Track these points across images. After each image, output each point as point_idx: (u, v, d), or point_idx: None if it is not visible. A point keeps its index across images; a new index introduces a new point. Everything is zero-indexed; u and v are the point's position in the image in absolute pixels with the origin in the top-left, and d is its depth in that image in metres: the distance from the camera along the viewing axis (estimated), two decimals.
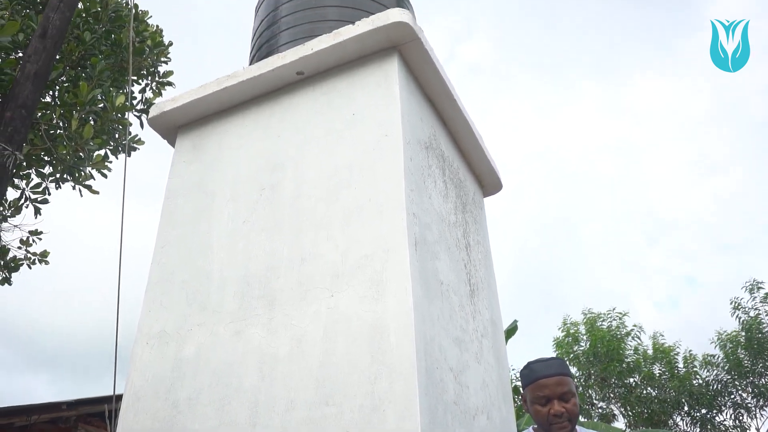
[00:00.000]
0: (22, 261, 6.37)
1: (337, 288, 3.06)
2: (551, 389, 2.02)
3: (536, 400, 2.04)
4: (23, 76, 4.38)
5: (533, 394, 2.06)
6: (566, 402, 2.00)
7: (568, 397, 2.01)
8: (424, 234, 3.28)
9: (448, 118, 4.28)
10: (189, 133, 4.33)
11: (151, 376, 3.37)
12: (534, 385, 2.07)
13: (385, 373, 2.72)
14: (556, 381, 2.02)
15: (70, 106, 5.38)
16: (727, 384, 15.33)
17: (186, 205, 3.94)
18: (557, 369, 2.06)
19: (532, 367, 2.13)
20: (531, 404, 2.07)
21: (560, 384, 2.02)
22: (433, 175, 3.73)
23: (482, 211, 4.77)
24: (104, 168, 5.50)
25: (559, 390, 2.01)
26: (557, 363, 2.11)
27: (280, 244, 3.39)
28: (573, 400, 2.02)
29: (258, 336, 3.15)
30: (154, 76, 7.01)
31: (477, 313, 3.82)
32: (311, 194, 3.47)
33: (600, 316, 16.37)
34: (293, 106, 3.93)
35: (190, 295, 3.52)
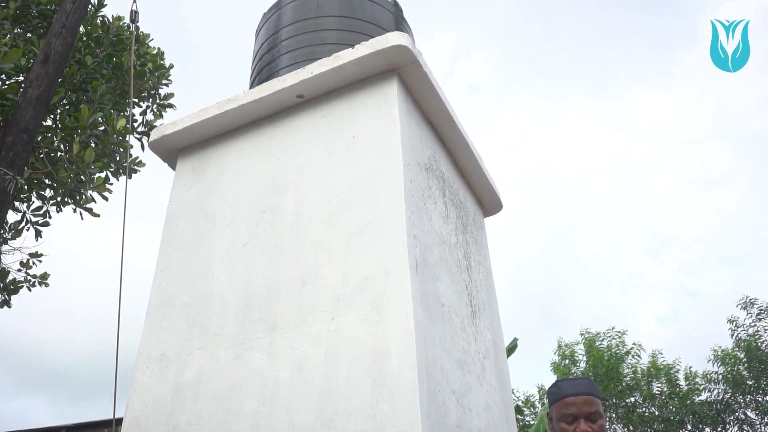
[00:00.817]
0: (22, 284, 6.35)
1: (338, 311, 3.05)
2: (578, 408, 1.99)
3: (562, 418, 2.02)
4: (25, 101, 4.41)
5: (560, 412, 2.03)
6: (593, 422, 1.97)
7: (595, 417, 1.98)
8: (425, 256, 3.28)
9: (448, 139, 4.30)
10: (189, 156, 4.35)
11: (151, 401, 3.34)
12: (561, 402, 2.04)
13: (387, 397, 2.70)
14: (583, 400, 2.00)
15: (71, 130, 5.40)
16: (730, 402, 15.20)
17: (186, 228, 3.95)
18: (585, 388, 2.04)
19: (559, 384, 2.11)
20: (557, 422, 2.05)
21: (588, 403, 2.00)
22: (433, 196, 3.74)
23: (483, 231, 4.77)
24: (105, 191, 5.51)
25: (587, 409, 1.98)
26: (586, 382, 2.09)
27: (281, 267, 3.38)
28: (600, 422, 1.99)
29: (259, 360, 3.13)
30: (155, 98, 7.05)
31: (479, 334, 3.81)
32: (312, 216, 3.47)
33: (599, 336, 16.28)
34: (293, 129, 3.95)
35: (191, 318, 3.51)
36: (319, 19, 4.69)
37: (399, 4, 5.17)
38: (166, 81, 6.95)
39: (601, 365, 15.23)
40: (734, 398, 15.27)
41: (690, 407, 15.08)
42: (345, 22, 4.66)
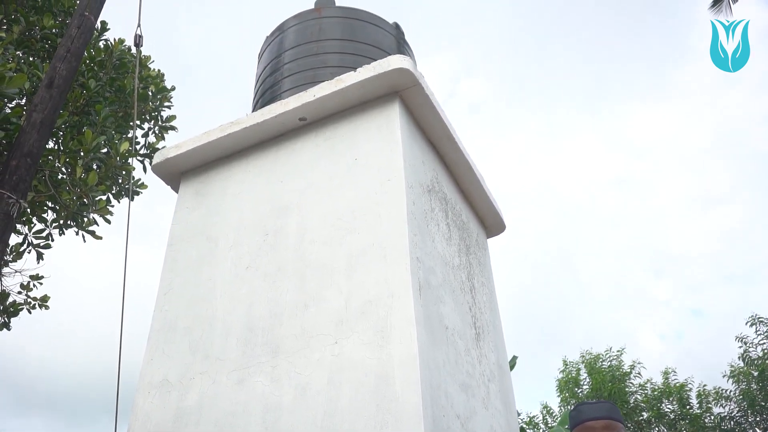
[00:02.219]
0: (22, 306, 6.33)
1: (342, 335, 3.03)
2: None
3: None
4: (29, 125, 4.43)
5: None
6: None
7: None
8: (429, 278, 3.26)
9: (450, 161, 4.31)
10: (192, 179, 4.36)
11: (152, 426, 3.31)
12: (581, 426, 2.03)
13: (391, 422, 2.67)
14: (603, 424, 1.99)
15: (74, 153, 5.42)
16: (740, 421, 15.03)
17: (189, 251, 3.94)
18: (606, 412, 2.04)
19: (580, 408, 2.10)
20: None
21: (608, 428, 1.99)
22: (436, 218, 3.74)
23: (486, 252, 4.76)
24: (107, 213, 5.52)
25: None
26: (606, 406, 2.08)
27: (284, 290, 3.37)
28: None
29: (261, 384, 3.11)
30: (157, 120, 7.10)
31: (483, 357, 3.78)
32: (315, 239, 3.47)
33: (599, 357, 16.15)
34: (296, 152, 3.97)
35: (193, 342, 3.49)
36: (321, 42, 4.73)
37: (400, 26, 5.21)
38: (168, 103, 7.00)
39: (604, 388, 15.09)
40: (745, 417, 15.09)
41: (701, 429, 14.89)
42: (347, 45, 4.70)
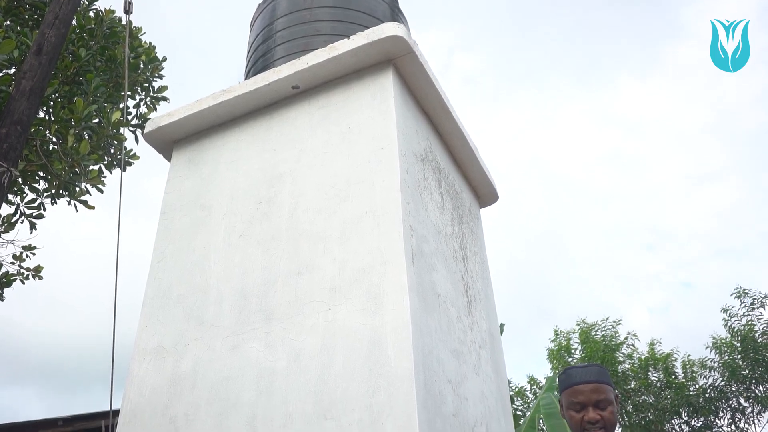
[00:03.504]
0: (15, 276, 6.33)
1: (335, 301, 3.06)
2: (586, 396, 1.99)
3: (571, 405, 2.02)
4: (18, 93, 4.38)
5: (568, 400, 2.04)
6: (602, 410, 1.97)
7: (604, 405, 1.98)
8: (421, 246, 3.28)
9: (444, 130, 4.30)
10: (185, 147, 4.34)
11: (148, 392, 3.35)
12: (570, 390, 2.04)
13: (383, 387, 2.72)
14: (592, 388, 2.00)
15: (65, 122, 5.37)
16: (724, 390, 15.34)
17: (182, 220, 3.94)
18: (595, 376, 2.04)
19: (569, 372, 2.11)
20: (566, 410, 2.05)
21: (596, 391, 1.99)
22: (429, 187, 3.75)
23: (479, 222, 4.78)
24: (99, 183, 5.50)
25: (595, 397, 1.98)
26: (595, 370, 2.08)
27: (277, 258, 3.39)
28: (610, 408, 1.98)
29: (255, 350, 3.14)
30: (149, 91, 7.02)
31: (475, 324, 3.82)
32: (308, 207, 3.47)
33: (594, 326, 16.36)
34: (289, 120, 3.95)
35: (187, 309, 3.52)
36: (314, 10, 4.67)
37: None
38: (159, 74, 6.92)
39: (597, 357, 15.31)
40: (729, 386, 15.39)
41: (685, 397, 15.19)
42: (340, 13, 4.64)
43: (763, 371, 14.90)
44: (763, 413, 15.49)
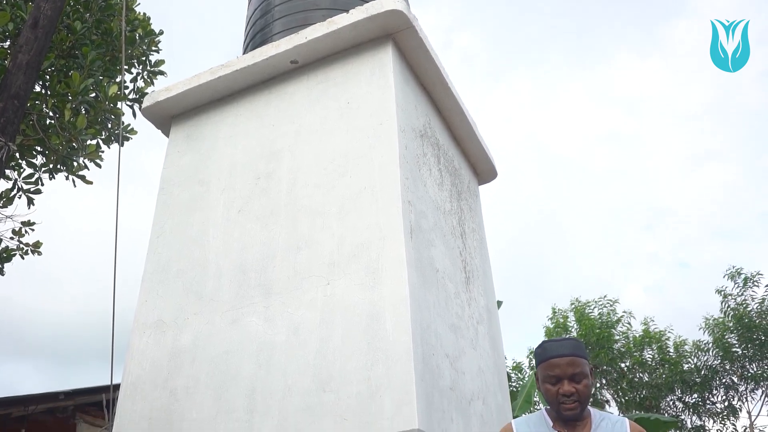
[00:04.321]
0: (15, 252, 6.34)
1: (333, 276, 3.07)
2: (562, 369, 2.01)
3: (547, 379, 2.04)
4: (15, 67, 4.35)
5: (544, 373, 2.06)
6: (577, 383, 2.00)
7: (579, 378, 2.00)
8: (420, 222, 3.29)
9: (443, 106, 4.28)
10: (183, 122, 4.32)
11: (148, 366, 3.38)
12: (546, 363, 2.06)
13: (381, 360, 2.75)
14: (567, 361, 2.02)
15: (62, 96, 5.34)
16: (717, 369, 15.53)
17: (181, 195, 3.94)
18: (570, 349, 2.05)
19: (545, 346, 2.13)
20: (542, 383, 2.08)
21: (572, 364, 2.01)
22: (428, 163, 3.75)
23: (477, 199, 4.79)
24: (97, 158, 5.48)
25: (570, 370, 2.00)
26: (571, 343, 2.09)
27: (276, 233, 3.40)
28: (585, 382, 2.01)
29: (255, 324, 3.17)
30: (146, 65, 6.96)
31: (472, 300, 3.85)
32: (307, 183, 3.47)
33: (589, 304, 16.49)
34: (288, 95, 3.93)
35: (186, 284, 3.53)
36: None
37: None
38: (156, 48, 6.86)
39: (592, 333, 15.44)
40: (722, 365, 15.56)
41: (679, 374, 15.37)
42: None
43: (756, 349, 15.06)
44: (756, 391, 15.70)
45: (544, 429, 2.06)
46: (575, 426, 2.03)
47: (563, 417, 2.03)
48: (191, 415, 3.07)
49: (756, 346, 14.95)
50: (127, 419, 3.26)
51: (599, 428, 2.03)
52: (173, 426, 3.09)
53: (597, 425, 2.04)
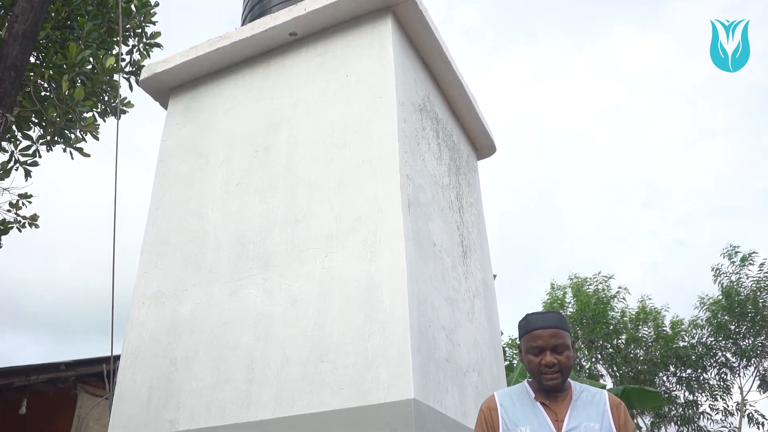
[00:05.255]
0: (12, 224, 6.36)
1: (332, 248, 3.10)
2: (545, 341, 2.05)
3: (530, 350, 2.09)
4: (11, 37, 4.31)
5: (527, 345, 2.10)
6: (559, 354, 2.04)
7: (561, 349, 2.05)
8: (418, 196, 3.31)
9: (443, 80, 4.26)
10: (181, 95, 4.30)
11: (148, 336, 3.42)
12: (529, 335, 2.11)
13: (378, 332, 2.78)
14: (550, 333, 2.06)
15: (58, 68, 5.30)
16: (712, 346, 15.73)
17: (179, 168, 3.94)
18: (553, 322, 2.10)
19: (529, 318, 2.17)
20: (525, 354, 2.12)
21: (554, 336, 2.06)
22: (427, 137, 3.74)
23: (476, 173, 4.79)
24: (95, 130, 5.46)
25: (553, 342, 2.05)
26: (554, 316, 2.14)
27: (275, 206, 3.41)
28: (566, 353, 2.05)
29: (253, 296, 3.20)
30: (142, 37, 6.90)
31: (469, 274, 3.88)
32: (305, 156, 3.47)
33: (586, 281, 16.62)
34: (287, 68, 3.90)
35: (185, 256, 3.56)
36: None
37: None
38: (152, 20, 6.79)
39: (589, 309, 15.57)
40: (717, 342, 15.74)
41: (674, 350, 15.55)
42: None
43: (750, 326, 15.23)
44: (748, 367, 15.92)
45: (527, 400, 2.11)
46: (556, 397, 2.07)
47: (545, 388, 2.07)
48: (191, 384, 3.12)
49: (748, 322, 15.12)
50: (127, 388, 3.31)
51: (579, 399, 2.07)
52: (173, 395, 3.13)
53: (577, 396, 2.08)
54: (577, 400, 2.07)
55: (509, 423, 2.04)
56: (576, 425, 1.98)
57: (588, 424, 1.98)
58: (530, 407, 2.07)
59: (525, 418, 2.04)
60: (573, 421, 1.99)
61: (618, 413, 2.04)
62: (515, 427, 2.02)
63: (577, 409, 2.03)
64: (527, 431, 2.00)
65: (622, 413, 2.05)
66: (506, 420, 2.06)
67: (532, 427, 2.00)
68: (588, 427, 1.97)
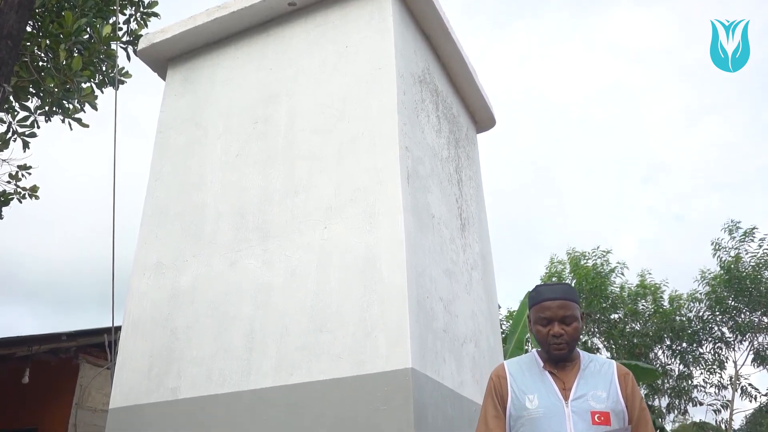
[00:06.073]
0: (12, 196, 6.37)
1: (331, 220, 3.11)
2: (553, 311, 2.09)
3: (538, 320, 2.13)
4: (7, 6, 4.27)
5: (536, 315, 2.14)
6: (567, 325, 2.08)
7: (569, 320, 2.08)
8: (417, 168, 3.31)
9: (443, 52, 4.23)
10: (179, 65, 4.27)
11: (149, 306, 3.45)
12: (538, 306, 2.15)
13: (377, 302, 2.81)
14: (559, 304, 2.10)
15: (55, 37, 5.25)
16: (708, 320, 15.87)
17: (178, 139, 3.94)
18: (562, 293, 2.13)
19: (538, 289, 2.20)
20: (533, 324, 2.16)
21: (563, 307, 2.09)
22: (426, 109, 3.73)
23: (475, 147, 4.79)
24: (93, 100, 5.43)
25: (561, 313, 2.08)
26: (563, 288, 2.17)
27: (274, 177, 3.41)
28: (574, 324, 2.09)
29: (253, 267, 3.22)
30: (139, 6, 6.82)
31: (467, 246, 3.90)
32: (305, 127, 3.47)
33: (584, 255, 16.71)
34: (286, 39, 3.87)
35: (185, 227, 3.57)
36: None
37: None
38: None
39: (587, 282, 15.67)
40: (713, 317, 15.88)
41: (670, 324, 15.69)
42: None
43: (747, 301, 15.34)
44: (744, 341, 16.08)
45: (535, 369, 2.15)
46: (565, 366, 2.11)
47: (553, 357, 2.11)
48: (191, 353, 3.16)
49: (746, 297, 15.23)
50: (129, 357, 3.35)
51: (587, 369, 2.11)
52: (174, 363, 3.18)
53: (585, 366, 2.12)
54: (585, 370, 2.10)
55: (518, 391, 2.09)
56: (583, 394, 2.02)
57: (595, 393, 2.02)
58: (539, 376, 2.12)
59: (533, 386, 2.09)
60: (580, 389, 2.04)
61: (625, 383, 2.08)
62: (523, 395, 2.06)
63: (585, 378, 2.07)
64: (535, 399, 2.04)
65: (629, 383, 2.09)
66: (515, 388, 2.10)
67: (540, 395, 2.05)
68: (595, 396, 2.01)
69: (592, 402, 2.00)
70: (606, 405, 1.99)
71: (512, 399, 2.08)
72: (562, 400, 2.01)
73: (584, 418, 1.96)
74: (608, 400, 2.01)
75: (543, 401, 2.02)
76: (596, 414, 1.97)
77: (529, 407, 2.03)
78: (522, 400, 2.05)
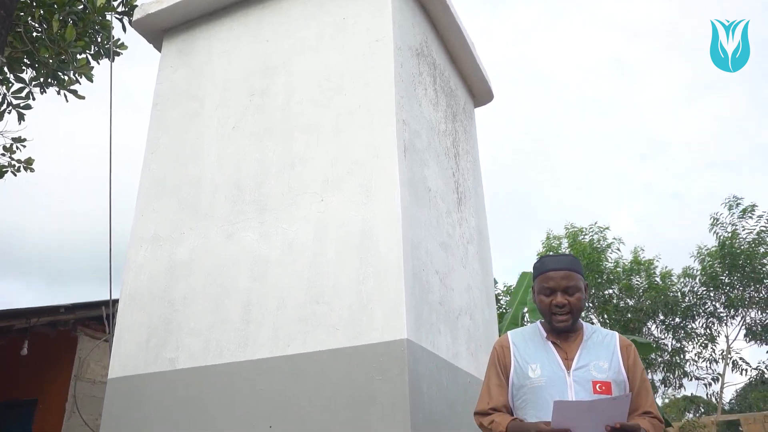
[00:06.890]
0: (6, 168, 6.34)
1: (327, 192, 3.11)
2: (557, 282, 2.12)
3: (542, 290, 2.16)
4: None
5: (540, 285, 2.17)
6: (570, 295, 2.11)
7: (572, 291, 2.11)
8: (414, 141, 3.30)
9: (441, 25, 4.19)
10: (175, 37, 4.23)
11: (146, 278, 3.47)
12: (542, 276, 2.17)
13: (373, 275, 2.83)
14: (562, 275, 2.13)
15: (48, 7, 5.19)
16: (702, 296, 16.01)
17: (174, 111, 3.91)
18: (566, 264, 2.16)
19: (543, 260, 2.23)
20: (537, 294, 2.18)
21: (566, 278, 2.12)
22: (423, 82, 3.71)
23: (472, 121, 4.77)
24: (88, 71, 5.39)
25: (564, 283, 2.11)
26: (567, 259, 2.19)
27: (270, 150, 3.41)
28: (578, 295, 2.12)
29: (250, 239, 3.23)
30: None
31: (464, 220, 3.92)
32: (301, 99, 3.45)
33: (582, 231, 16.79)
34: (283, 10, 3.83)
35: (182, 200, 3.57)
36: None
37: None
38: None
39: (583, 258, 15.76)
40: (707, 292, 16.01)
41: (663, 299, 15.83)
42: None
43: (741, 277, 15.46)
44: (735, 317, 16.25)
45: (539, 339, 2.18)
46: (567, 337, 2.14)
47: (555, 328, 2.13)
48: (189, 324, 3.18)
49: (740, 273, 15.34)
50: (127, 329, 3.38)
51: (590, 339, 2.15)
52: (172, 335, 3.21)
53: (588, 337, 2.15)
54: (588, 340, 2.14)
55: (521, 360, 2.12)
56: (585, 363, 2.06)
57: (597, 363, 2.06)
58: (542, 346, 2.15)
59: (536, 355, 2.12)
60: (582, 359, 2.07)
61: (628, 354, 2.12)
62: (526, 365, 2.10)
63: (588, 348, 2.11)
64: (538, 368, 2.08)
65: (632, 354, 2.13)
66: (518, 357, 2.13)
67: (543, 365, 2.08)
68: (597, 366, 2.05)
69: (594, 372, 2.03)
70: (607, 375, 2.03)
71: (515, 368, 2.12)
72: (564, 370, 2.05)
73: (585, 388, 2.00)
74: (610, 370, 2.04)
75: (545, 371, 2.06)
76: (597, 383, 2.01)
77: (532, 376, 2.06)
78: (525, 370, 2.09)
